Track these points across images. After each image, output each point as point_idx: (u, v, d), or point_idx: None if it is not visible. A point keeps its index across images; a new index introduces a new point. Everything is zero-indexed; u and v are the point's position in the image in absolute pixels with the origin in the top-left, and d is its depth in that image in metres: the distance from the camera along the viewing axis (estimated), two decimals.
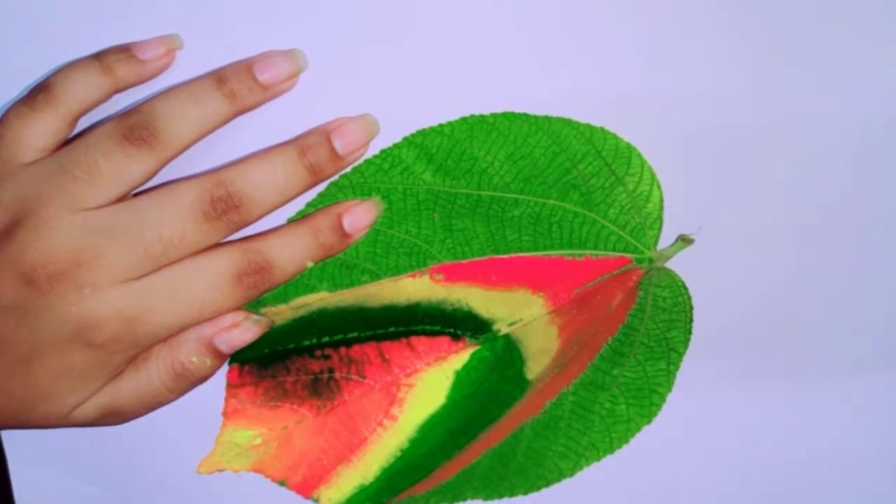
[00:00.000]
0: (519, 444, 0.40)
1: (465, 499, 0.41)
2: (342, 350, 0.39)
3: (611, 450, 0.40)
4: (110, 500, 0.40)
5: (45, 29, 0.36)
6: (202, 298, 0.35)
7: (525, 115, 0.37)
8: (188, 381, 0.37)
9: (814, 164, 0.38)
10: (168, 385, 0.36)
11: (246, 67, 0.35)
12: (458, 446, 0.40)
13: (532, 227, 0.38)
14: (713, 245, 0.39)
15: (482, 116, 0.37)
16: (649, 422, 0.40)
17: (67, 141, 0.35)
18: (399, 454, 0.40)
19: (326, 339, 0.39)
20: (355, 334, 0.39)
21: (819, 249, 0.40)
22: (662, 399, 0.40)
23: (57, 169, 0.34)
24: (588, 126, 0.37)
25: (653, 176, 0.37)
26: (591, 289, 0.39)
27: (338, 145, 0.36)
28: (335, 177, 0.37)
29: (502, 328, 0.39)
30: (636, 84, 0.37)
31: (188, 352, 0.36)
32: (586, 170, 0.37)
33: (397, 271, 0.38)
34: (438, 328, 0.39)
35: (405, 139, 0.37)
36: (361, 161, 0.37)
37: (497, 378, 0.39)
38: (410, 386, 0.39)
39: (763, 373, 0.42)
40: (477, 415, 0.40)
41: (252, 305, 0.37)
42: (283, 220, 0.38)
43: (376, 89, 0.37)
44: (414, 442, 0.39)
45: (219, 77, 0.35)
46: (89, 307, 0.34)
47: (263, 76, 0.35)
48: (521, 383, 0.39)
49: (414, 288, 0.38)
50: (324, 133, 0.36)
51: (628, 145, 0.37)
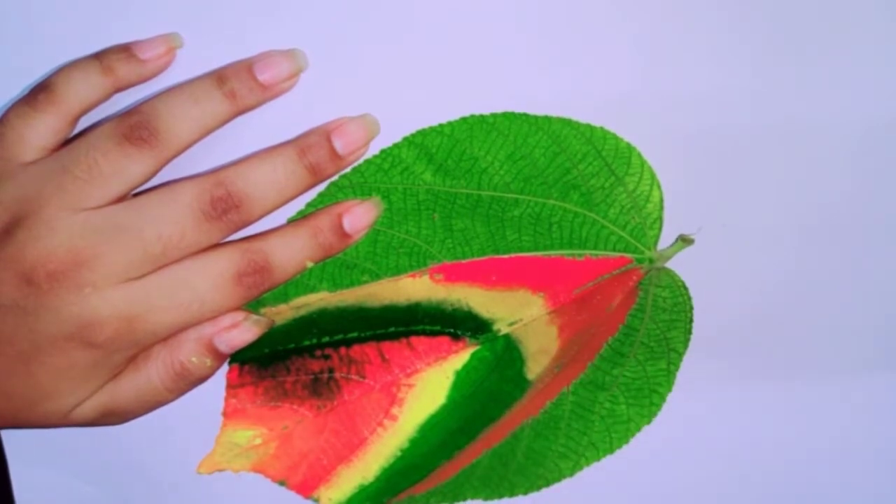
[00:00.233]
0: (519, 444, 0.40)
1: (465, 499, 0.41)
2: (342, 350, 0.39)
3: (611, 450, 0.40)
4: (110, 500, 0.40)
5: (46, 29, 0.36)
6: (202, 298, 0.35)
7: (525, 115, 0.37)
8: (188, 381, 0.37)
9: (814, 164, 0.38)
10: (167, 385, 0.36)
11: (246, 67, 0.35)
12: (458, 446, 0.40)
13: (532, 227, 0.38)
14: (713, 245, 0.39)
15: (482, 116, 0.37)
16: (649, 422, 0.40)
17: (68, 140, 0.35)
18: (399, 454, 0.40)
19: (326, 339, 0.39)
20: (355, 334, 0.39)
21: (819, 249, 0.40)
22: (662, 399, 0.40)
23: (57, 168, 0.34)
24: (588, 126, 0.37)
25: (653, 176, 0.37)
26: (592, 289, 0.39)
27: (338, 145, 0.36)
28: (335, 177, 0.37)
29: (502, 328, 0.39)
30: (636, 84, 0.37)
31: (188, 352, 0.36)
32: (586, 170, 0.37)
33: (397, 271, 0.38)
34: (438, 328, 0.39)
35: (405, 139, 0.37)
36: (361, 161, 0.37)
37: (497, 378, 0.39)
38: (410, 386, 0.39)
39: (763, 373, 0.42)
40: (477, 415, 0.40)
41: (252, 305, 0.37)
42: (283, 220, 0.38)
43: (376, 89, 0.37)
44: (414, 442, 0.39)
45: (219, 77, 0.35)
46: (90, 306, 0.34)
47: (264, 76, 0.35)
48: (521, 383, 0.39)
49: (414, 288, 0.38)
50: (324, 133, 0.36)
51: (628, 145, 0.37)
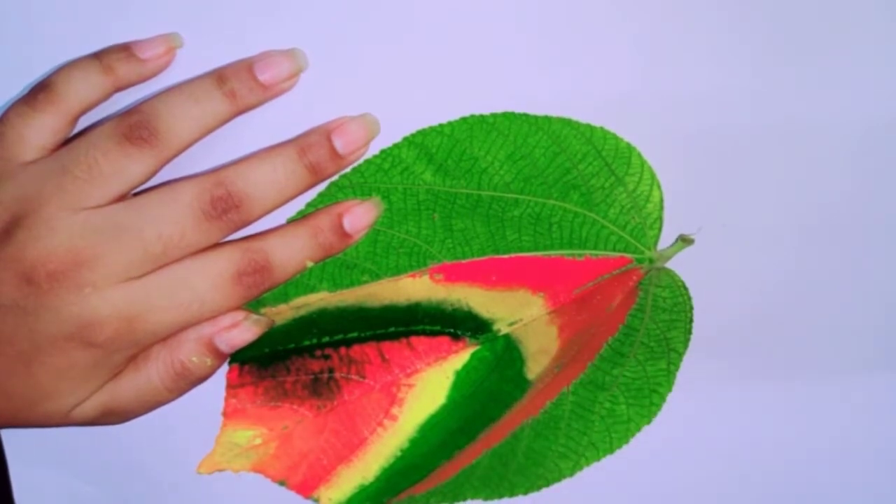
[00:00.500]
0: (519, 444, 0.40)
1: (465, 499, 0.41)
2: (342, 350, 0.39)
3: (611, 450, 0.40)
4: (110, 500, 0.40)
5: (45, 29, 0.36)
6: (202, 298, 0.35)
7: (525, 115, 0.37)
8: (188, 381, 0.37)
9: (814, 164, 0.38)
10: (168, 385, 0.36)
11: (246, 67, 0.35)
12: (459, 446, 0.40)
13: (532, 227, 0.38)
14: (713, 245, 0.39)
15: (482, 116, 0.37)
16: (649, 422, 0.40)
17: (68, 140, 0.35)
18: (399, 454, 0.40)
19: (326, 339, 0.39)
20: (355, 334, 0.39)
21: (819, 249, 0.40)
22: (662, 399, 0.40)
23: (57, 168, 0.34)
24: (588, 126, 0.37)
25: (653, 176, 0.37)
26: (592, 289, 0.39)
27: (338, 145, 0.36)
28: (335, 177, 0.37)
29: (502, 328, 0.39)
30: (636, 84, 0.37)
31: (188, 351, 0.36)
32: (586, 170, 0.37)
33: (397, 271, 0.38)
34: (438, 328, 0.39)
35: (405, 139, 0.37)
36: (361, 161, 0.37)
37: (497, 378, 0.39)
38: (410, 386, 0.39)
39: (763, 373, 0.42)
40: (477, 415, 0.40)
41: (252, 305, 0.37)
42: (283, 220, 0.38)
43: (376, 89, 0.37)
44: (414, 442, 0.39)
45: (219, 76, 0.35)
46: (90, 306, 0.34)
47: (264, 76, 0.35)
48: (521, 383, 0.39)
49: (414, 288, 0.38)
50: (324, 132, 0.36)
51: (628, 145, 0.37)
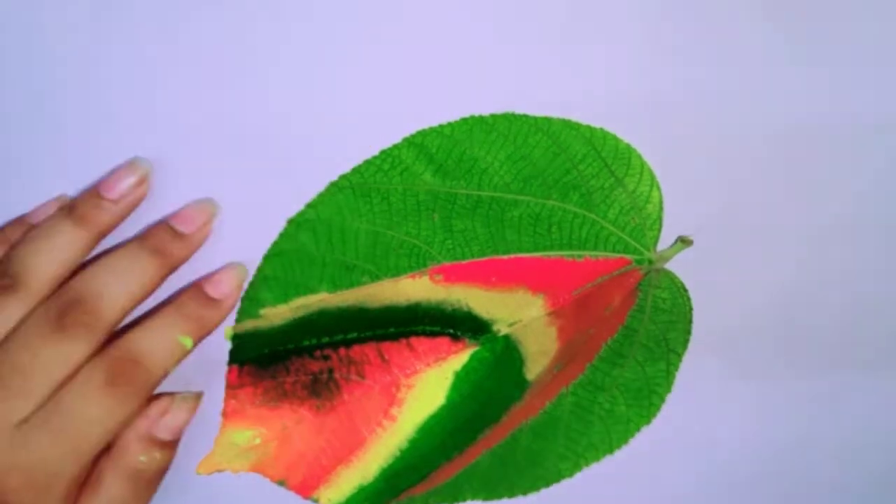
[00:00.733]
0: (518, 445, 0.40)
1: (465, 499, 0.41)
2: (342, 350, 0.39)
3: (610, 450, 0.40)
4: None
5: (45, 27, 0.36)
6: (75, 418, 0.34)
7: (525, 116, 0.37)
8: (146, 480, 0.36)
9: (814, 165, 0.39)
10: (131, 493, 0.36)
11: (93, 192, 0.36)
12: (458, 447, 0.40)
13: (532, 228, 0.38)
14: (713, 246, 0.39)
15: (482, 117, 0.37)
16: (648, 422, 0.40)
17: None
18: (398, 454, 0.40)
19: (326, 340, 0.39)
20: (355, 335, 0.39)
21: (818, 250, 0.40)
22: (662, 400, 0.40)
23: None
24: (588, 127, 0.37)
25: (652, 177, 0.37)
26: (591, 290, 0.39)
27: (179, 227, 0.36)
28: (335, 177, 0.37)
29: (502, 329, 0.39)
30: (636, 84, 0.37)
31: (134, 453, 0.35)
32: (586, 171, 0.37)
33: (397, 272, 0.38)
34: (438, 329, 0.39)
35: (405, 140, 0.37)
36: (362, 161, 0.37)
37: (496, 379, 0.39)
38: (410, 386, 0.39)
39: (762, 373, 0.42)
40: (476, 415, 0.40)
41: (251, 306, 0.37)
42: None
43: (376, 89, 0.37)
44: (413, 442, 0.39)
45: (69, 207, 0.36)
46: None
47: (111, 194, 0.36)
48: (521, 384, 0.39)
49: (414, 288, 0.38)
50: (164, 221, 0.37)
51: (628, 146, 0.37)
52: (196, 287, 0.37)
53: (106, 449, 0.36)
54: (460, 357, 0.39)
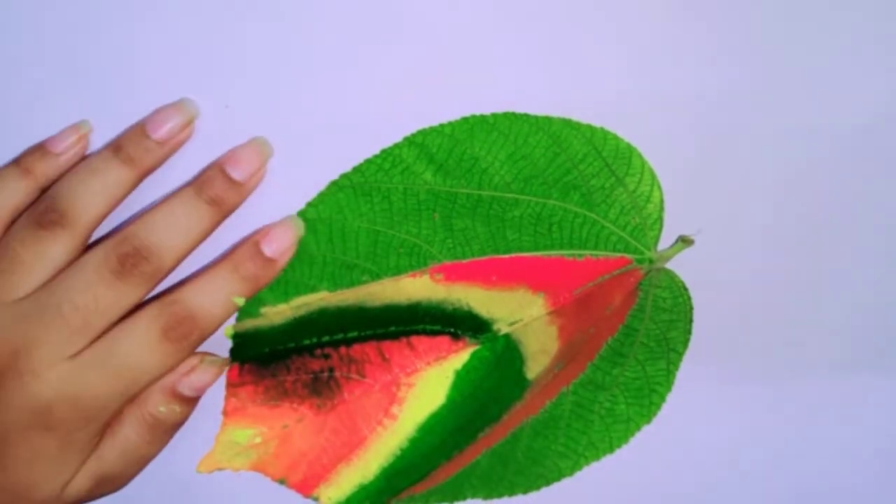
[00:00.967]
0: (519, 444, 0.40)
1: (465, 498, 0.41)
2: (342, 349, 0.39)
3: (610, 449, 0.40)
4: (110, 500, 0.40)
5: (45, 27, 0.36)
6: (132, 364, 0.35)
7: (525, 116, 0.37)
8: (163, 430, 0.38)
9: (814, 164, 0.39)
10: (146, 438, 0.37)
11: (139, 130, 0.36)
12: (458, 446, 0.40)
13: (532, 228, 0.38)
14: (713, 246, 0.39)
15: (483, 116, 0.37)
16: (649, 422, 0.40)
17: None
18: (399, 453, 0.40)
19: (326, 339, 0.39)
20: (355, 333, 0.39)
21: (819, 250, 0.40)
22: (662, 399, 0.40)
23: None
24: (589, 126, 0.37)
25: (653, 176, 0.37)
26: (592, 289, 0.39)
27: (234, 174, 0.36)
28: (336, 176, 0.37)
29: (502, 328, 0.39)
30: (636, 84, 0.37)
31: (155, 403, 0.37)
32: (587, 170, 0.37)
33: (398, 271, 0.38)
34: (438, 328, 0.39)
35: (406, 139, 0.37)
36: (362, 160, 0.37)
37: (497, 378, 0.39)
38: (410, 385, 0.39)
39: (762, 373, 0.42)
40: (477, 414, 0.40)
41: (252, 305, 0.38)
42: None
43: (376, 89, 0.37)
44: (414, 441, 0.39)
45: (115, 146, 0.36)
46: (33, 393, 0.35)
47: (157, 134, 0.36)
48: (521, 383, 0.40)
49: (414, 288, 0.38)
50: (217, 166, 0.37)
51: (629, 146, 0.37)
52: (253, 245, 0.37)
53: None
54: (461, 356, 0.39)
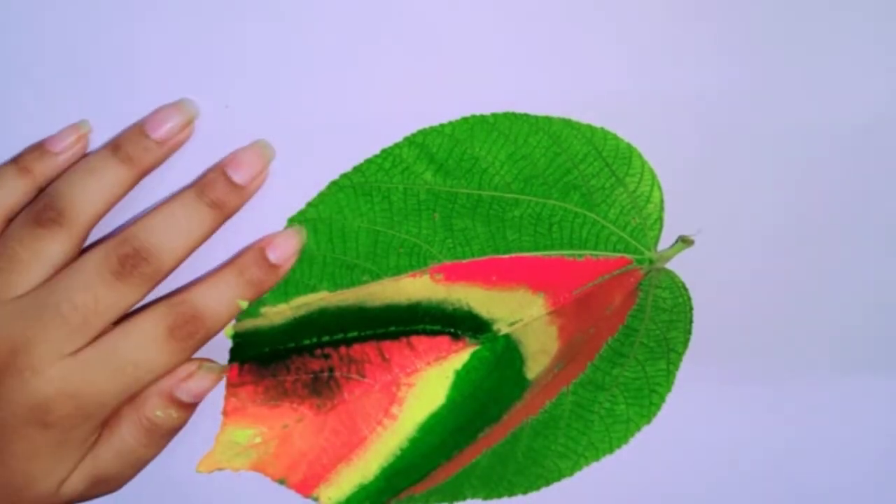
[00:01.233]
0: (518, 444, 0.40)
1: (465, 498, 0.41)
2: (342, 349, 0.39)
3: (610, 450, 0.40)
4: (110, 500, 0.40)
5: (45, 27, 0.36)
6: (135, 361, 0.36)
7: (526, 116, 0.37)
8: (159, 435, 0.38)
9: (814, 165, 0.39)
10: (141, 441, 0.37)
11: (138, 130, 0.36)
12: (458, 446, 0.40)
13: (532, 228, 0.38)
14: (713, 246, 0.39)
15: (483, 116, 0.37)
16: (649, 422, 0.40)
17: None
18: (399, 453, 0.40)
19: (326, 339, 0.39)
20: (355, 333, 0.39)
21: (819, 250, 0.40)
22: (662, 399, 0.40)
23: None
24: (589, 127, 0.37)
25: (653, 177, 0.37)
26: (592, 289, 0.39)
27: (235, 177, 0.36)
28: (336, 176, 0.37)
29: (502, 328, 0.39)
30: (636, 84, 0.37)
31: (152, 406, 0.37)
32: (587, 170, 0.37)
33: (398, 271, 0.38)
34: (438, 328, 0.39)
35: (406, 139, 0.37)
36: (363, 160, 0.37)
37: (497, 378, 0.39)
38: (410, 385, 0.39)
39: (763, 373, 0.42)
40: (477, 414, 0.40)
41: (252, 306, 0.38)
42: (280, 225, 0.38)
43: (376, 89, 0.37)
44: (414, 441, 0.39)
45: (114, 145, 0.36)
46: (33, 389, 0.35)
47: (156, 134, 0.36)
48: (521, 383, 0.40)
49: (414, 288, 0.38)
50: (219, 168, 0.37)
51: (629, 146, 0.37)
52: (258, 251, 0.37)
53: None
54: (461, 356, 0.39)
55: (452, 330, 0.39)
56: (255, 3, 0.36)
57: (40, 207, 0.35)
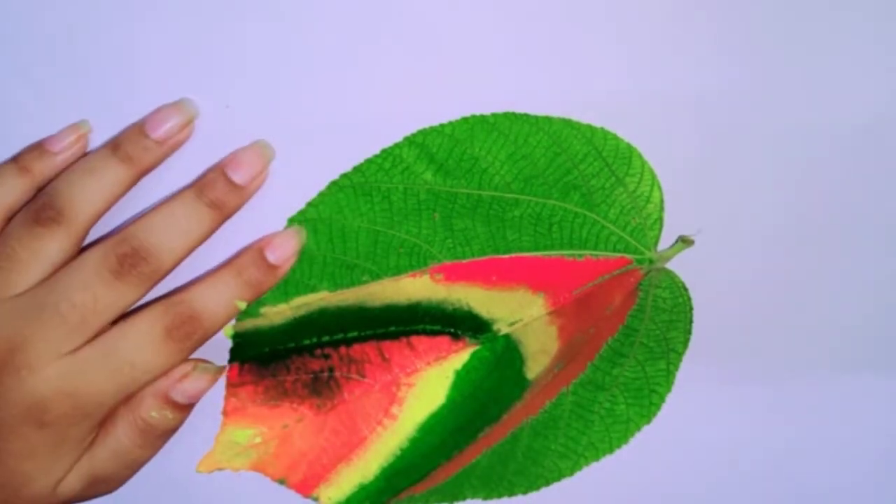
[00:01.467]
0: (518, 444, 0.40)
1: (465, 498, 0.41)
2: (342, 349, 0.39)
3: (610, 450, 0.40)
4: (110, 500, 0.40)
5: (45, 27, 0.36)
6: (132, 361, 0.36)
7: (526, 116, 0.37)
8: (154, 436, 0.38)
9: (814, 165, 0.39)
10: (137, 442, 0.37)
11: (138, 129, 0.36)
12: (458, 446, 0.40)
13: (532, 228, 0.38)
14: (713, 246, 0.39)
15: (483, 116, 0.37)
16: (649, 422, 0.40)
17: None
18: (399, 453, 0.40)
19: (326, 339, 0.39)
20: (355, 333, 0.39)
21: (819, 250, 0.40)
22: (662, 399, 0.40)
23: None
24: (589, 126, 0.37)
25: (653, 177, 0.37)
26: (591, 289, 0.39)
27: (235, 177, 0.36)
28: (336, 176, 0.37)
29: (502, 328, 0.39)
30: (636, 84, 0.37)
31: (147, 407, 0.37)
32: (587, 170, 0.37)
33: (398, 271, 0.38)
34: (438, 328, 0.39)
35: (406, 139, 0.37)
36: (363, 160, 0.37)
37: (497, 378, 0.39)
38: (410, 385, 0.39)
39: (763, 373, 0.42)
40: (477, 414, 0.40)
41: (252, 306, 0.37)
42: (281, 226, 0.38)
43: (376, 89, 0.37)
44: (414, 441, 0.39)
45: (113, 145, 0.36)
46: (30, 388, 0.35)
47: (156, 133, 0.36)
48: (521, 383, 0.40)
49: (414, 288, 0.38)
50: (219, 168, 0.37)
51: (629, 146, 0.37)
52: (257, 251, 0.37)
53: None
54: (461, 356, 0.39)
55: (452, 330, 0.39)
56: (255, 3, 0.36)
57: (39, 206, 0.36)
